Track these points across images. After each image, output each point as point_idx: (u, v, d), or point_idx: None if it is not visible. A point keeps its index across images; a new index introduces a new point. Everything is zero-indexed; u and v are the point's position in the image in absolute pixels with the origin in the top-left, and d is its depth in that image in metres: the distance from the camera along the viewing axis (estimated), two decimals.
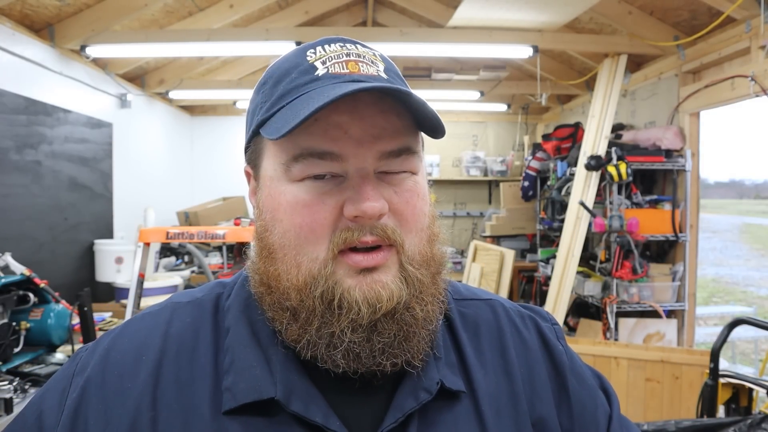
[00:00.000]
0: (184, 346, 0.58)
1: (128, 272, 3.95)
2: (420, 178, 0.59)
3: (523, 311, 0.70)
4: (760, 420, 1.78)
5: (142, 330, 0.60)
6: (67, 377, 0.58)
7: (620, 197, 3.56)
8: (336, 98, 0.50)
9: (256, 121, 0.59)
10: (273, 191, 0.57)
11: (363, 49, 0.60)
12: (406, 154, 0.57)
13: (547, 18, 3.44)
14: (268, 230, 0.58)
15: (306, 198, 0.55)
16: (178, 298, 0.64)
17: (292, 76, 0.57)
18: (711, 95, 3.36)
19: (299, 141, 0.54)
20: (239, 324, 0.59)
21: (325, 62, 0.57)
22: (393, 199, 0.56)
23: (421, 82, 5.04)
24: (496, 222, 5.61)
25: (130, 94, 4.55)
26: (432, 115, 0.56)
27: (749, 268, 12.98)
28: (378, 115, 0.55)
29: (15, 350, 2.09)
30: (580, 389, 0.65)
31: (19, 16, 3.25)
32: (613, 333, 3.49)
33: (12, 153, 3.16)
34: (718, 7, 3.01)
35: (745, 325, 2.10)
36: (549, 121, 6.24)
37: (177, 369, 0.56)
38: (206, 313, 0.61)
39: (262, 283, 0.58)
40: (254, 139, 0.61)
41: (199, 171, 6.35)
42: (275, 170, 0.57)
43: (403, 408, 0.54)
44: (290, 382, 0.54)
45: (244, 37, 3.87)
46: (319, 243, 0.54)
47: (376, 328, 0.54)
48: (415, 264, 0.56)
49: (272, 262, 0.57)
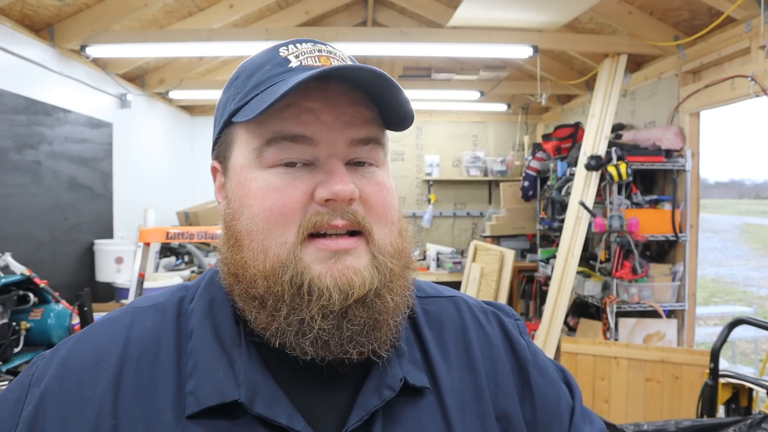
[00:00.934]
0: (145, 352, 0.56)
1: (128, 272, 3.95)
2: (386, 173, 0.60)
3: (486, 307, 0.71)
4: (760, 420, 1.78)
5: (101, 336, 0.58)
6: (22, 387, 0.56)
7: (620, 197, 3.56)
8: (311, 75, 0.52)
9: (228, 111, 0.59)
10: (243, 179, 0.57)
11: (333, 48, 0.61)
12: (373, 143, 0.58)
13: (547, 18, 3.44)
14: (235, 218, 0.57)
15: (277, 182, 0.55)
16: (139, 302, 0.63)
17: (266, 68, 0.58)
18: (711, 95, 3.36)
19: (272, 125, 0.55)
20: (202, 327, 0.58)
21: (299, 56, 0.58)
22: (365, 188, 0.57)
23: (421, 82, 5.04)
24: (496, 222, 5.61)
25: (130, 94, 4.55)
26: (403, 103, 0.57)
27: (749, 268, 12.97)
28: (348, 104, 0.56)
29: (15, 350, 2.10)
30: (543, 383, 0.65)
31: (19, 16, 3.25)
32: (613, 333, 3.49)
33: (12, 153, 3.16)
34: (718, 7, 3.01)
35: (745, 325, 2.10)
36: (549, 121, 6.24)
37: (138, 375, 0.55)
38: (168, 317, 0.60)
39: (230, 273, 0.58)
40: (224, 131, 0.61)
41: (199, 171, 6.35)
42: (246, 157, 0.57)
43: (367, 406, 0.54)
44: (254, 383, 0.54)
45: (244, 37, 3.87)
46: (289, 227, 0.54)
47: (346, 315, 0.54)
48: (386, 254, 0.57)
49: (239, 250, 0.56)
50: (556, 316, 3.63)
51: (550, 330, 3.62)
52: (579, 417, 0.66)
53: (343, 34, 3.89)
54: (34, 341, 2.18)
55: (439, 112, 6.45)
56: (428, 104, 6.06)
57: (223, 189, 0.62)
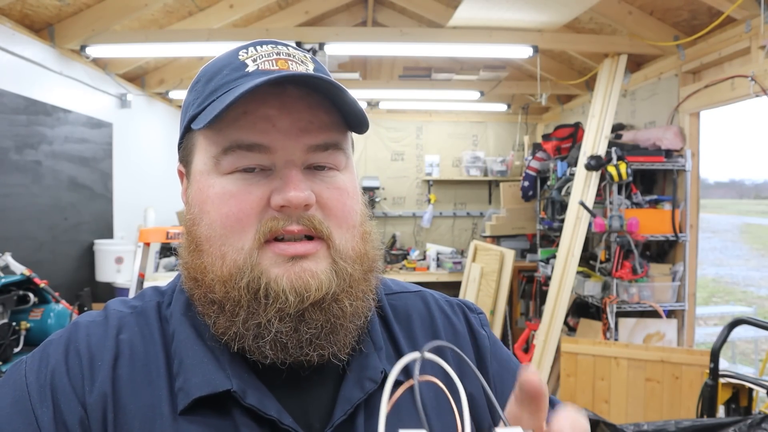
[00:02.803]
0: (136, 351, 0.56)
1: (128, 272, 3.95)
2: (348, 176, 0.60)
3: (452, 300, 0.74)
4: (760, 420, 1.78)
5: (92, 336, 0.57)
6: (19, 390, 0.53)
7: (620, 197, 3.56)
8: (259, 83, 0.52)
9: (187, 117, 0.60)
10: (202, 185, 0.58)
11: (294, 51, 0.61)
12: (333, 149, 0.58)
13: (547, 18, 3.44)
14: (195, 223, 0.58)
15: (233, 189, 0.55)
16: (116, 306, 0.62)
17: (223, 73, 0.58)
18: (711, 95, 3.36)
19: (229, 134, 0.55)
20: (182, 327, 0.58)
21: (256, 60, 0.58)
22: (323, 193, 0.57)
23: (421, 82, 5.04)
24: (496, 222, 5.61)
25: (130, 94, 4.55)
26: (356, 108, 0.57)
27: (749, 268, 12.98)
28: (305, 110, 0.56)
29: (15, 350, 2.10)
30: (501, 370, 0.69)
31: (19, 16, 3.25)
32: (613, 333, 3.49)
33: (12, 153, 3.16)
34: (718, 7, 3.01)
35: (745, 325, 2.10)
36: (549, 121, 6.24)
37: (131, 371, 0.55)
38: (152, 320, 0.60)
39: (190, 278, 0.58)
40: (186, 136, 0.62)
41: None
42: (205, 164, 0.58)
43: (351, 399, 0.56)
44: (243, 377, 0.54)
45: (244, 37, 3.87)
46: (245, 233, 0.55)
47: (303, 317, 0.54)
48: (347, 259, 0.57)
49: (199, 255, 0.57)
50: (556, 316, 3.63)
51: (550, 330, 3.62)
52: None
53: (343, 34, 3.89)
54: (34, 341, 2.18)
55: (439, 112, 6.45)
56: (428, 104, 6.06)
57: (186, 193, 0.62)
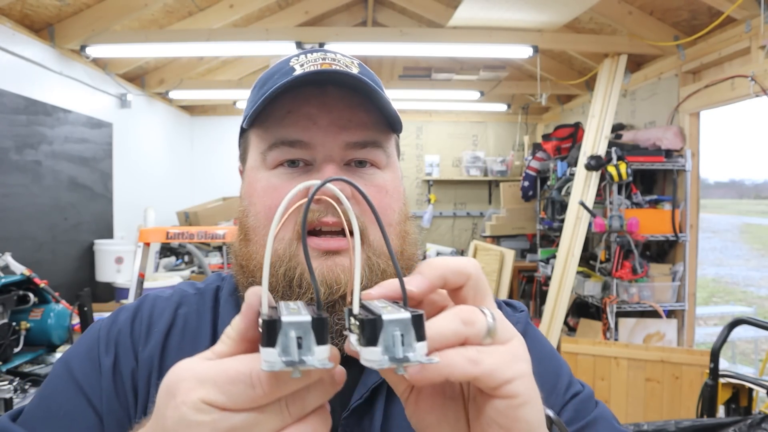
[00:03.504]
0: (188, 325, 0.65)
1: (128, 272, 3.95)
2: (389, 175, 0.63)
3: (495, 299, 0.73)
4: (760, 420, 1.78)
5: (156, 307, 0.67)
6: (92, 341, 0.64)
7: (620, 197, 3.56)
8: (293, 79, 0.57)
9: (243, 118, 0.65)
10: (252, 179, 0.63)
11: (341, 57, 0.65)
12: (371, 146, 0.61)
13: (547, 18, 3.44)
14: (245, 215, 0.63)
15: (277, 182, 0.60)
16: (185, 287, 0.71)
17: (274, 78, 0.63)
18: (711, 95, 3.36)
19: (275, 131, 0.60)
20: (227, 305, 0.66)
21: (303, 65, 0.62)
22: (361, 188, 0.58)
23: (421, 82, 5.04)
24: (496, 222, 5.61)
25: (130, 94, 4.55)
26: (389, 109, 0.61)
27: (749, 268, 12.97)
28: (345, 109, 0.60)
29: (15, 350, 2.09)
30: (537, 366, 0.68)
31: (19, 16, 3.25)
32: (613, 333, 3.49)
33: (12, 153, 3.16)
34: (718, 7, 3.01)
35: (745, 325, 2.10)
36: (549, 121, 6.24)
37: (181, 341, 0.63)
38: (207, 301, 0.68)
39: (238, 264, 0.64)
40: (243, 136, 0.68)
41: (199, 171, 6.35)
42: (255, 160, 0.63)
43: (367, 384, 0.59)
44: None
45: (244, 37, 3.87)
46: (285, 224, 0.58)
47: (334, 308, 0.57)
48: (381, 255, 0.59)
49: (246, 244, 0.63)
50: (556, 316, 3.63)
51: (550, 330, 3.62)
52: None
53: (343, 34, 3.89)
54: (34, 341, 2.17)
55: (439, 112, 6.45)
56: (428, 104, 6.06)
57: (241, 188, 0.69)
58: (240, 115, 3.17)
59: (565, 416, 0.64)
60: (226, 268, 3.96)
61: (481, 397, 0.39)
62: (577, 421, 0.64)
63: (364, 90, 0.59)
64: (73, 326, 2.31)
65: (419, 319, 0.35)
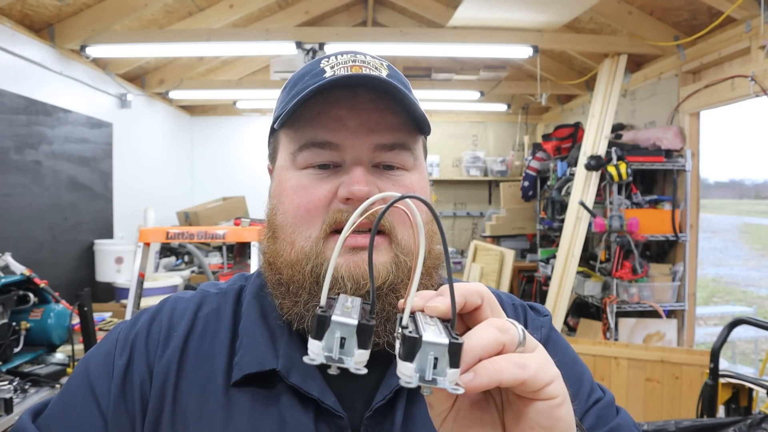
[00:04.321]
0: (208, 327, 0.65)
1: (128, 272, 3.95)
2: (417, 177, 0.65)
3: (517, 301, 0.75)
4: (760, 420, 1.78)
5: (176, 310, 0.68)
6: (111, 343, 0.66)
7: (620, 197, 3.56)
8: (325, 82, 0.58)
9: (273, 119, 0.67)
10: (281, 178, 0.65)
11: (371, 59, 0.66)
12: (399, 148, 0.62)
13: (546, 18, 3.44)
14: (274, 213, 0.65)
15: (306, 183, 0.62)
16: (207, 287, 0.72)
17: (305, 79, 0.64)
18: (711, 95, 3.36)
19: (305, 132, 0.62)
20: (250, 307, 0.66)
21: (334, 67, 0.64)
22: (388, 190, 0.60)
23: (421, 82, 5.04)
24: (496, 222, 5.60)
25: (130, 94, 4.55)
26: (417, 111, 0.62)
27: (749, 268, 12.97)
28: (374, 111, 0.61)
29: (15, 350, 2.09)
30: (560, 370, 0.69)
31: (19, 16, 3.25)
32: (613, 333, 3.49)
33: (12, 153, 3.16)
34: (718, 7, 3.01)
35: (745, 325, 2.10)
36: (549, 121, 6.24)
37: (200, 344, 0.64)
38: (229, 301, 0.69)
39: (266, 262, 0.66)
40: (272, 136, 0.69)
41: (199, 171, 6.34)
42: (285, 160, 0.65)
43: (390, 386, 0.60)
44: (292, 358, 0.60)
45: (244, 37, 3.87)
46: (313, 222, 0.61)
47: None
48: (409, 254, 0.61)
49: (274, 242, 0.64)
50: (556, 316, 3.63)
51: None
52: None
53: (343, 34, 3.89)
54: (34, 341, 2.17)
55: (439, 112, 6.45)
56: (428, 104, 6.05)
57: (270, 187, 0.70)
58: (240, 116, 3.24)
59: (588, 422, 0.64)
60: (226, 268, 3.96)
61: (520, 401, 0.41)
62: (599, 427, 0.64)
63: (393, 93, 0.60)
64: (73, 326, 2.31)
65: (456, 348, 0.37)
